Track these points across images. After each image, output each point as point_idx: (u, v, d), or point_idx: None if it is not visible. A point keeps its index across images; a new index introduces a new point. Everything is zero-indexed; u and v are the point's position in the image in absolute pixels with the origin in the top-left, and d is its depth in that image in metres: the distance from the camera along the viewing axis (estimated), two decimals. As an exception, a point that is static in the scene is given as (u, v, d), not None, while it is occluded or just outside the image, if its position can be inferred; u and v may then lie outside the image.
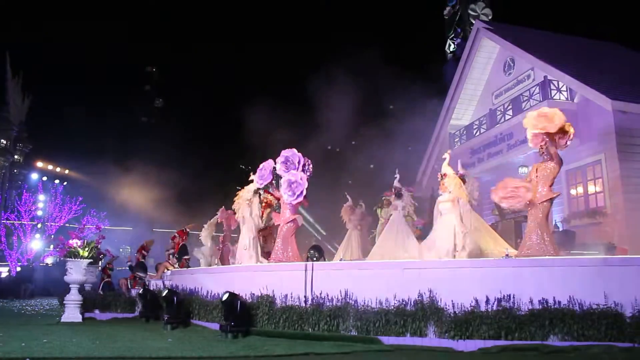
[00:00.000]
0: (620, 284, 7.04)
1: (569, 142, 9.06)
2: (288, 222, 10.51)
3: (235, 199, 11.82)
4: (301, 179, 10.35)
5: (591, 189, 14.78)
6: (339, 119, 20.74)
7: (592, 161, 14.57)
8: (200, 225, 14.20)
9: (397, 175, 12.62)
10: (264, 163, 11.30)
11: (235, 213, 11.90)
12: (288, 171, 10.57)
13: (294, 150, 10.78)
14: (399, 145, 19.71)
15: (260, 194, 11.93)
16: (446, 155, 9.91)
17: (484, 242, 10.37)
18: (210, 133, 48.56)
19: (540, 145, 8.96)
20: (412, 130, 19.70)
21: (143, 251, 15.68)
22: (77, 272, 11.76)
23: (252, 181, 11.64)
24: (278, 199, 11.96)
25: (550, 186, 8.79)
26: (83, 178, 37.65)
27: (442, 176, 9.64)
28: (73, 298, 11.78)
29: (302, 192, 10.29)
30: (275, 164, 10.99)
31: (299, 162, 10.61)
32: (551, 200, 8.78)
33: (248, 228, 11.12)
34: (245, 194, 11.60)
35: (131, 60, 65.09)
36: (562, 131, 8.87)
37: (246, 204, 11.25)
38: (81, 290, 12.29)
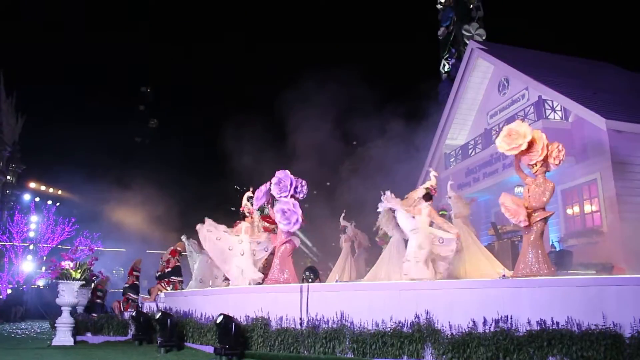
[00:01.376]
0: (618, 304, 6.98)
1: (562, 157, 9.02)
2: (284, 243, 10.39)
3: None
4: (294, 205, 10.16)
5: (587, 208, 14.75)
6: (332, 139, 20.77)
7: (587, 180, 14.56)
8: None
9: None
10: (261, 186, 11.28)
11: None
12: (281, 193, 10.39)
13: (287, 172, 10.58)
14: (394, 165, 19.69)
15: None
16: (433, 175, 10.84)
17: (479, 262, 10.32)
18: (205, 154, 48.60)
19: (534, 164, 8.91)
20: (407, 150, 19.71)
21: (134, 272, 15.46)
22: (69, 294, 11.64)
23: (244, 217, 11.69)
24: (274, 223, 11.85)
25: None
26: (76, 199, 37.43)
27: None
28: (65, 321, 11.62)
29: (297, 220, 10.09)
30: (270, 185, 10.83)
31: (290, 185, 10.38)
32: (545, 219, 8.73)
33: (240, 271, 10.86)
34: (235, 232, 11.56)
35: (126, 80, 65.49)
36: (543, 147, 8.82)
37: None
38: (73, 312, 12.14)
